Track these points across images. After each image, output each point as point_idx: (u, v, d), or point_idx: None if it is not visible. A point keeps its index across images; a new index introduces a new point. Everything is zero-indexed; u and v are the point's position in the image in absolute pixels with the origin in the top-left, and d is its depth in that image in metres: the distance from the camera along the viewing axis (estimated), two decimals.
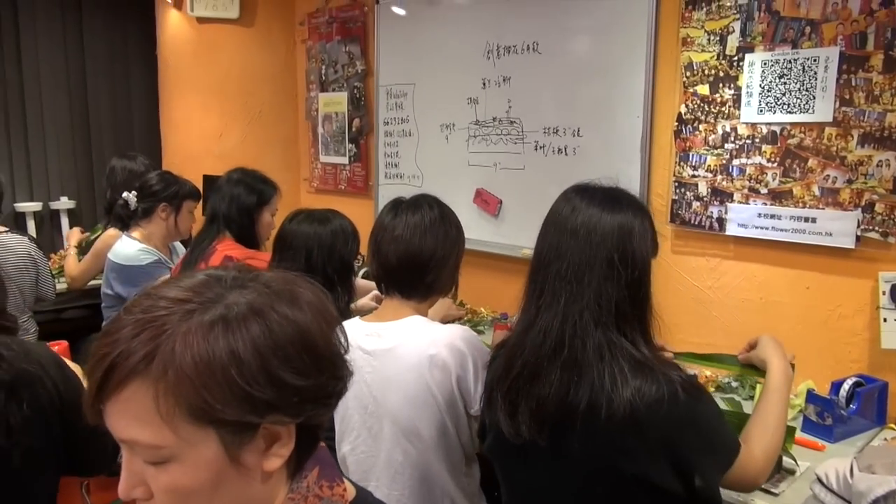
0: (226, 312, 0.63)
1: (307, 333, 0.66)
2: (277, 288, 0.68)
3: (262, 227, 2.51)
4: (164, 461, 0.62)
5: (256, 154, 3.64)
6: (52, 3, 3.87)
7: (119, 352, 0.61)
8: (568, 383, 1.10)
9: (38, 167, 3.94)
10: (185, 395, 0.60)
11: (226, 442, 0.63)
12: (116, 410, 0.62)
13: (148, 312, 0.63)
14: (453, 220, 1.53)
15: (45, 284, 2.81)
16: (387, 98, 3.25)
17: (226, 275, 0.68)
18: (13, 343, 1.20)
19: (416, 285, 1.48)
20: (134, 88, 4.23)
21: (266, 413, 0.63)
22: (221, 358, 0.61)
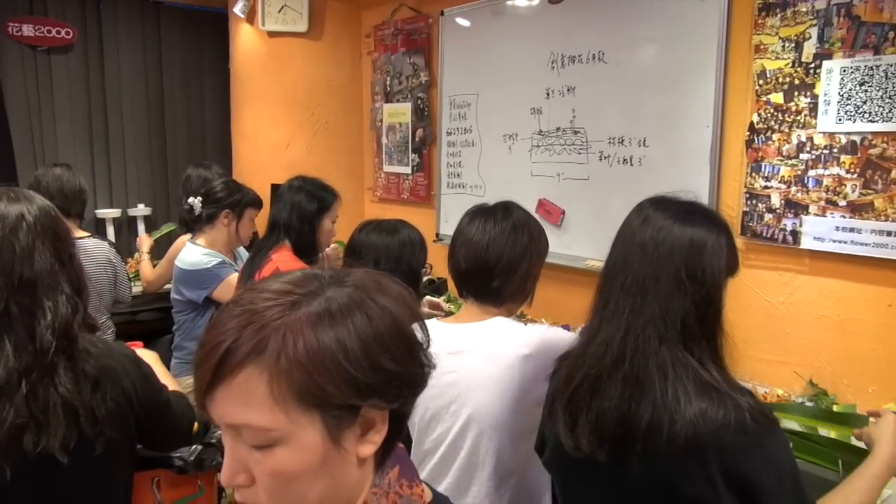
0: (329, 305, 0.68)
1: (400, 323, 0.71)
2: (370, 283, 0.73)
3: (323, 235, 2.54)
4: (271, 444, 0.66)
5: (322, 164, 3.73)
6: (133, 19, 4.08)
7: (232, 340, 0.66)
8: (629, 399, 1.08)
9: (117, 175, 4.14)
10: (296, 379, 0.65)
11: (329, 426, 0.67)
12: (228, 396, 0.66)
13: (253, 304, 0.68)
14: (529, 229, 1.52)
15: (122, 287, 2.93)
16: (450, 108, 3.27)
17: (322, 273, 0.73)
18: (97, 341, 1.27)
19: (485, 290, 1.49)
20: (207, 100, 4.39)
21: (368, 396, 0.68)
22: (330, 346, 0.66)
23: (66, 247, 1.27)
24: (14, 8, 3.70)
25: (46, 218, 1.24)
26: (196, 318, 2.81)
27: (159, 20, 4.18)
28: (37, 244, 1.20)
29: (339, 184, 3.81)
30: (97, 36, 3.98)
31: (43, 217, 1.24)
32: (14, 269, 1.17)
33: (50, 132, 3.88)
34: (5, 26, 3.67)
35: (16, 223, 1.20)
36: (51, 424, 1.13)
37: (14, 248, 1.18)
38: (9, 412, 1.11)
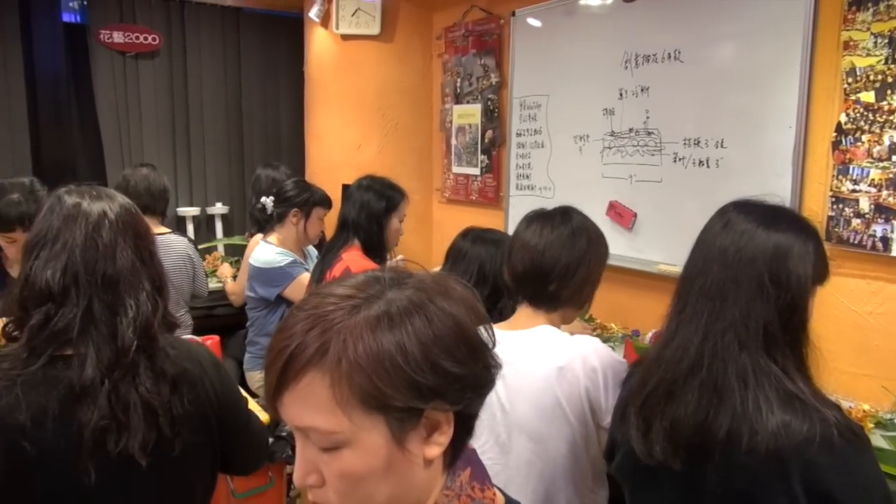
0: (388, 307, 0.68)
1: (462, 325, 0.70)
2: (431, 285, 0.72)
3: (391, 234, 2.57)
4: (338, 447, 0.67)
5: (392, 164, 3.77)
6: (214, 25, 4.23)
7: (296, 344, 0.67)
8: (707, 407, 1.04)
9: (197, 175, 4.30)
10: (357, 382, 0.65)
11: (392, 428, 0.67)
12: (294, 399, 0.68)
13: (318, 308, 0.69)
14: (588, 234, 1.50)
15: (199, 283, 3.05)
16: (520, 109, 3.25)
17: (384, 275, 0.73)
18: (177, 343, 1.27)
19: (541, 294, 1.48)
20: (282, 102, 4.52)
21: (430, 399, 0.67)
22: (389, 348, 0.66)
23: (147, 244, 1.26)
24: (105, 16, 3.90)
25: (127, 216, 1.24)
26: (268, 315, 2.89)
27: (238, 26, 4.32)
28: (118, 242, 1.20)
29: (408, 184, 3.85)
30: (181, 42, 4.15)
31: (124, 215, 1.24)
32: (97, 266, 1.17)
33: (136, 134, 4.07)
34: (97, 34, 3.88)
35: (98, 221, 1.20)
36: (131, 425, 1.13)
37: (97, 245, 1.18)
38: (93, 413, 1.10)
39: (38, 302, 1.14)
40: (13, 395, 1.09)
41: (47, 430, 1.10)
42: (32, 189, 2.15)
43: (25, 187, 2.15)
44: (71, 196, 1.22)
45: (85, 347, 1.14)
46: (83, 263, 1.16)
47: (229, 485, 2.13)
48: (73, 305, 1.14)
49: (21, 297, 1.16)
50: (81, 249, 1.16)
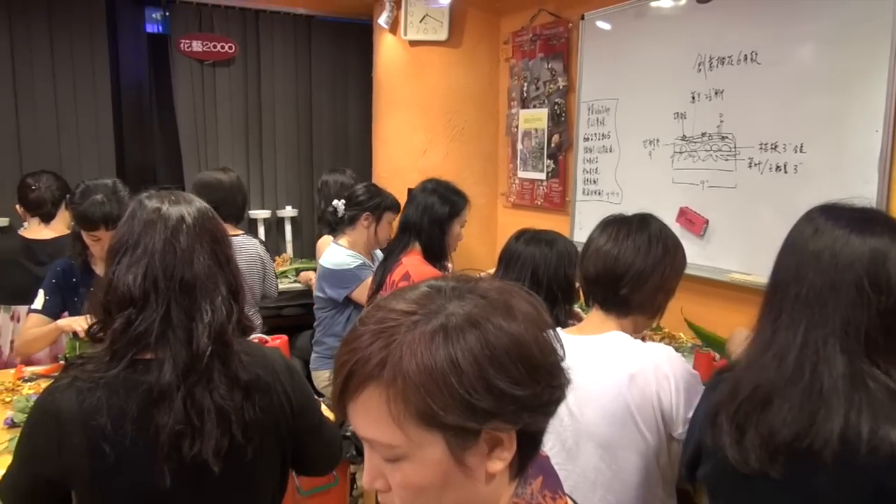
0: (445, 322, 0.67)
1: (522, 343, 0.68)
2: (493, 298, 0.70)
3: (452, 239, 2.57)
4: (398, 459, 0.68)
5: (457, 169, 3.78)
6: (287, 33, 4.35)
7: (357, 359, 0.68)
8: (811, 414, 1.02)
9: (268, 178, 4.43)
10: (412, 400, 0.65)
11: (451, 445, 0.67)
12: (356, 411, 0.69)
13: (380, 323, 0.69)
14: (664, 241, 1.48)
15: (270, 283, 3.13)
16: (588, 114, 3.21)
17: (445, 285, 0.72)
18: (251, 348, 1.29)
19: (612, 298, 1.46)
20: (351, 108, 4.60)
21: (485, 420, 0.66)
22: (442, 366, 0.65)
23: (224, 248, 1.27)
24: (186, 26, 4.07)
25: (205, 220, 1.25)
26: (335, 316, 2.94)
27: (310, 33, 4.43)
28: (196, 247, 1.21)
29: (474, 189, 3.86)
30: (255, 49, 4.29)
31: (201, 219, 1.25)
32: (175, 271, 1.18)
33: (212, 139, 4.23)
34: (178, 43, 4.05)
35: (177, 226, 1.21)
36: (205, 430, 1.14)
37: (175, 250, 1.19)
38: (169, 417, 1.12)
39: (120, 306, 1.17)
40: (96, 398, 1.13)
41: (126, 433, 1.12)
42: (115, 190, 2.25)
43: (109, 188, 2.25)
44: (151, 201, 1.24)
45: (163, 352, 1.16)
46: (162, 268, 1.17)
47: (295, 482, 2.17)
48: (153, 310, 1.16)
49: (105, 301, 1.19)
50: (160, 254, 1.18)
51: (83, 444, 1.12)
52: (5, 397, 2.07)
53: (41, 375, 2.25)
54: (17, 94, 3.66)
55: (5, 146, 3.65)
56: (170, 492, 1.15)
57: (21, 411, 1.89)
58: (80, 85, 3.80)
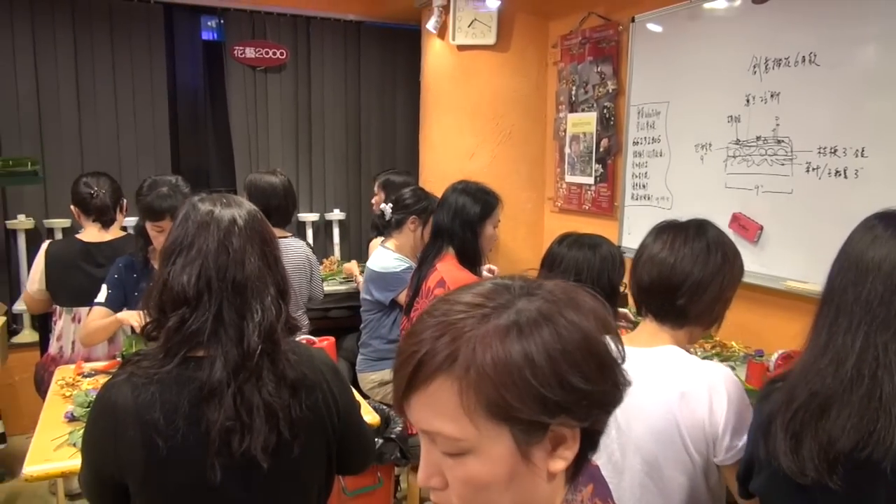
0: (518, 318, 0.67)
1: (592, 339, 0.69)
2: (561, 295, 0.71)
3: (485, 240, 2.52)
4: (462, 453, 0.68)
5: (504, 173, 3.77)
6: (337, 39, 4.42)
7: (426, 350, 0.67)
8: (871, 422, 0.99)
9: (317, 182, 4.50)
10: (485, 392, 0.65)
11: (518, 440, 0.67)
12: (422, 403, 0.69)
13: (447, 315, 0.69)
14: (723, 249, 1.43)
15: (316, 285, 3.17)
16: (637, 117, 3.16)
17: (513, 283, 0.72)
18: (298, 348, 1.32)
19: (668, 308, 1.42)
20: (399, 112, 4.65)
21: (557, 414, 0.66)
22: (517, 360, 0.65)
23: (272, 250, 1.30)
24: (240, 33, 4.17)
25: (255, 221, 1.29)
26: (382, 318, 2.96)
27: (359, 39, 4.49)
28: (247, 248, 1.24)
29: (520, 193, 3.85)
30: (306, 55, 4.36)
31: (252, 221, 1.28)
32: (228, 272, 1.21)
33: (263, 143, 4.32)
34: (232, 50, 4.15)
35: (229, 227, 1.24)
36: (254, 427, 1.17)
37: (228, 251, 1.22)
38: (220, 413, 1.16)
39: (174, 305, 1.21)
40: (150, 393, 1.17)
41: (178, 428, 1.16)
42: (177, 185, 2.42)
43: (173, 183, 2.42)
44: (204, 204, 1.28)
45: (214, 350, 1.19)
46: (215, 269, 1.21)
47: (341, 482, 2.19)
48: (206, 309, 1.20)
49: (159, 301, 1.23)
50: (214, 255, 1.22)
51: (137, 437, 1.16)
52: (66, 392, 2.15)
53: (99, 371, 2.33)
54: (80, 99, 3.81)
55: (69, 148, 3.80)
56: (220, 486, 1.18)
57: (80, 406, 1.96)
58: (138, 90, 3.94)
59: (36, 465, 1.71)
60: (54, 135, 3.77)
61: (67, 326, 2.81)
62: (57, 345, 2.81)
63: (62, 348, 2.80)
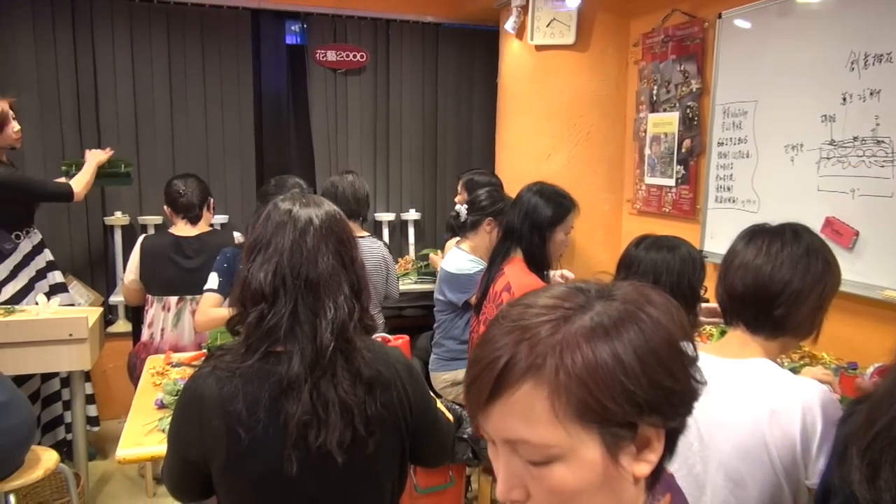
0: (601, 319, 0.67)
1: (674, 337, 0.69)
2: (637, 296, 0.70)
3: (554, 246, 2.46)
4: (550, 461, 0.66)
5: (581, 175, 3.72)
6: (416, 41, 4.47)
7: (509, 356, 0.66)
8: None
9: (394, 183, 4.56)
10: (576, 395, 0.64)
11: (607, 443, 0.66)
12: (506, 411, 0.66)
13: (523, 319, 0.68)
14: (823, 255, 1.35)
15: (392, 284, 3.22)
16: (723, 117, 3.05)
17: (588, 286, 0.72)
18: (373, 346, 1.34)
19: (763, 318, 1.34)
20: (475, 113, 4.65)
21: (647, 414, 0.66)
22: (608, 361, 0.64)
23: (349, 249, 1.33)
24: (322, 36, 4.28)
25: (331, 222, 1.32)
26: (454, 319, 2.97)
27: (437, 40, 4.52)
28: (321, 247, 1.27)
29: (598, 195, 3.79)
30: (385, 57, 4.43)
31: (328, 221, 1.31)
32: (301, 270, 1.25)
33: (343, 144, 4.42)
34: (314, 53, 4.26)
35: (305, 227, 1.28)
36: (330, 422, 1.20)
37: (302, 250, 1.26)
38: (298, 407, 1.19)
39: (254, 301, 1.26)
40: (233, 385, 1.22)
41: (259, 419, 1.20)
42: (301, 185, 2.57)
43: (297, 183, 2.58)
44: (284, 203, 1.33)
45: (292, 345, 1.23)
46: (290, 267, 1.25)
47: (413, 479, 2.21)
48: (282, 306, 1.24)
49: (241, 297, 1.29)
50: (289, 254, 1.26)
51: (221, 427, 1.21)
52: (156, 380, 2.26)
53: (186, 362, 2.44)
54: (173, 102, 4.01)
55: (161, 150, 4.01)
56: (296, 478, 1.21)
57: (169, 394, 2.06)
58: (226, 94, 4.10)
59: (128, 449, 1.81)
60: (148, 137, 3.98)
61: (158, 314, 3.00)
62: (148, 332, 3.00)
63: (153, 335, 2.99)
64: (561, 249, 2.52)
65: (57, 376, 3.26)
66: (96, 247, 3.97)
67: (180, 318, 2.99)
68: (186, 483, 1.32)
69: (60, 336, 2.78)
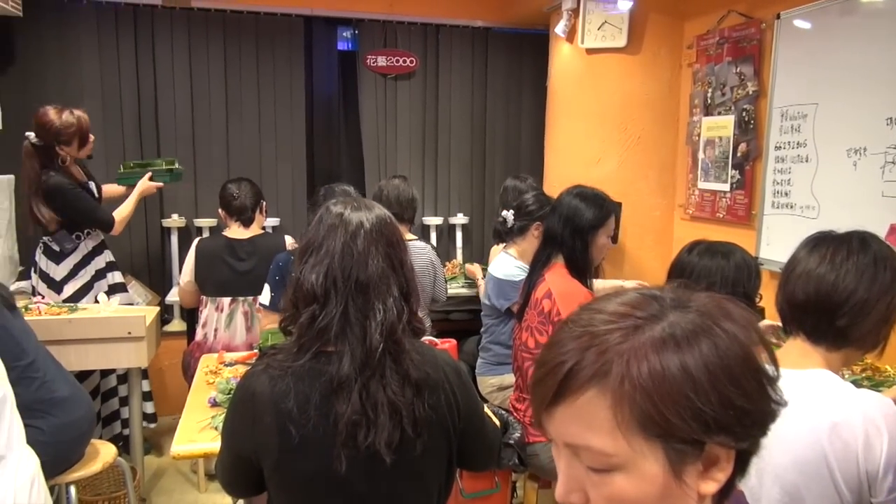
0: (673, 330, 0.64)
1: (751, 355, 0.66)
2: (715, 308, 0.68)
3: (597, 250, 2.40)
4: (610, 470, 0.65)
5: (632, 179, 3.66)
6: (465, 46, 4.48)
7: (575, 361, 0.65)
8: None
9: (442, 186, 4.58)
10: (640, 406, 0.62)
11: (670, 458, 0.64)
12: (569, 416, 0.66)
13: (592, 326, 0.67)
14: (892, 264, 1.29)
15: (439, 287, 3.23)
16: (781, 120, 2.96)
17: (663, 294, 0.69)
18: (422, 349, 1.36)
19: (825, 328, 1.29)
20: (524, 118, 4.63)
21: (714, 433, 0.63)
22: (675, 374, 0.62)
23: (398, 252, 1.35)
24: (373, 42, 4.33)
25: (381, 225, 1.34)
26: (500, 325, 2.96)
27: (487, 44, 4.52)
28: (371, 250, 1.29)
29: (649, 200, 3.73)
30: (435, 63, 4.45)
31: (379, 224, 1.33)
32: (352, 272, 1.27)
33: (392, 148, 4.45)
34: (365, 59, 4.31)
35: (355, 230, 1.31)
36: (379, 422, 1.22)
37: (353, 253, 1.29)
38: (347, 406, 1.21)
39: (306, 302, 1.29)
40: (285, 384, 1.24)
41: (310, 418, 1.22)
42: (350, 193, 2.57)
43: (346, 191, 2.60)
44: (336, 207, 1.36)
45: (342, 346, 1.25)
46: (340, 269, 1.27)
47: (459, 484, 2.21)
48: (333, 307, 1.26)
49: (293, 298, 1.31)
50: (340, 256, 1.28)
51: (273, 423, 1.23)
52: (209, 379, 2.32)
53: (239, 362, 2.49)
54: (228, 107, 4.11)
55: (217, 154, 4.11)
56: (345, 477, 1.23)
57: (222, 392, 2.11)
58: (279, 99, 4.19)
59: (182, 445, 1.86)
60: (204, 141, 4.09)
61: (211, 315, 3.08)
62: (202, 332, 3.09)
63: (206, 335, 3.07)
64: (603, 253, 2.47)
65: (114, 373, 3.38)
66: (154, 248, 4.10)
67: (233, 319, 3.06)
68: (239, 478, 1.35)
69: (120, 334, 2.88)
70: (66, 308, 2.98)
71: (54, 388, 2.20)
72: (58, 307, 2.99)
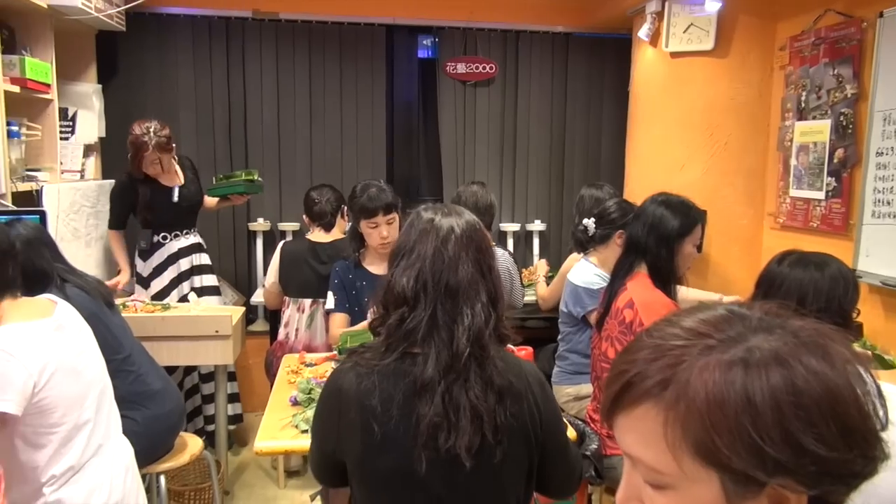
0: (747, 355, 0.60)
1: (837, 397, 0.58)
2: (807, 338, 0.61)
3: (682, 259, 2.33)
4: (663, 487, 0.63)
5: (717, 186, 3.54)
6: (545, 52, 4.44)
7: (637, 372, 0.63)
8: None
9: (519, 193, 4.55)
10: (693, 429, 0.59)
11: (727, 489, 0.60)
12: (626, 425, 0.65)
13: (667, 340, 0.64)
14: None
15: (516, 294, 3.21)
16: (883, 125, 2.79)
17: (751, 315, 0.65)
18: (506, 356, 1.36)
19: None
20: (605, 124, 4.55)
21: (775, 474, 0.58)
22: (735, 402, 0.58)
23: (487, 258, 1.37)
24: (453, 49, 4.36)
25: (471, 231, 1.36)
26: (578, 333, 2.91)
27: (567, 50, 4.47)
28: (461, 255, 1.32)
29: (736, 208, 3.59)
30: (514, 69, 4.44)
31: (469, 230, 1.36)
32: (442, 276, 1.30)
33: (470, 154, 4.47)
34: (445, 66, 4.35)
35: (447, 235, 1.33)
36: (460, 426, 1.23)
37: (444, 257, 1.31)
38: (430, 408, 1.23)
39: (396, 304, 1.32)
40: (371, 381, 1.28)
41: (392, 416, 1.25)
42: (383, 187, 2.65)
43: (379, 185, 2.67)
44: (427, 213, 1.39)
45: (428, 348, 1.27)
46: (431, 273, 1.30)
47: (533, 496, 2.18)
48: (422, 310, 1.29)
49: (384, 299, 1.35)
50: (431, 260, 1.31)
51: (357, 419, 1.27)
52: (291, 378, 2.38)
53: (319, 362, 2.55)
54: (312, 115, 4.23)
55: (301, 161, 4.24)
56: (424, 477, 1.25)
57: (302, 391, 2.16)
58: (361, 106, 4.28)
59: (265, 442, 1.92)
60: (289, 148, 4.23)
61: (293, 315, 3.19)
62: (284, 331, 3.20)
63: (288, 335, 3.18)
64: (689, 263, 2.39)
65: (196, 370, 3.54)
66: (240, 250, 4.27)
67: (314, 320, 3.16)
68: (327, 471, 1.40)
69: (208, 332, 3.03)
70: (159, 306, 3.15)
71: (148, 381, 2.33)
72: (152, 305, 3.16)
